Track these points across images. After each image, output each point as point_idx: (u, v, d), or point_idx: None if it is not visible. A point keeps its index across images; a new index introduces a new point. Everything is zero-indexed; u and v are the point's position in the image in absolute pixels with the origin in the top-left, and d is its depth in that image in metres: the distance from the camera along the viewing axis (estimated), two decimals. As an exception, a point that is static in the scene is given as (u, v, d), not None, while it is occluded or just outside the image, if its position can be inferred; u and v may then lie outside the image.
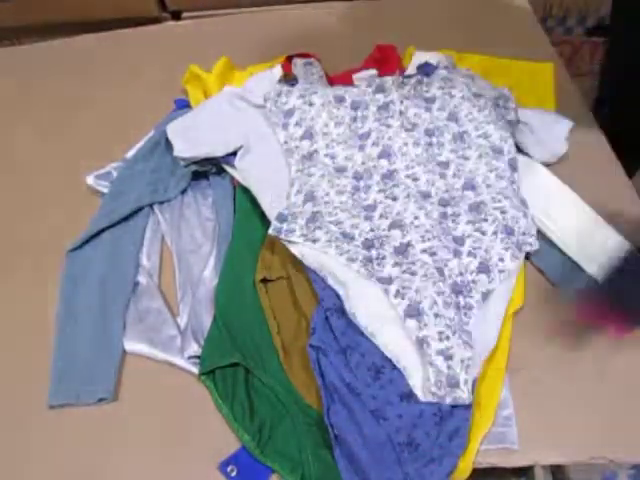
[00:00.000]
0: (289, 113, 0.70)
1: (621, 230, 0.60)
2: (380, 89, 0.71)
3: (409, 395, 0.50)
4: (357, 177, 0.65)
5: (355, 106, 0.70)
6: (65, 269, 0.65)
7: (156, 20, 1.07)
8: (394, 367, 0.52)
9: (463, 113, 0.69)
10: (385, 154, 0.66)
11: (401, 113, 0.69)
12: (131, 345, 0.59)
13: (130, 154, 0.76)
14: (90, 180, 0.73)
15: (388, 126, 0.68)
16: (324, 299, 0.56)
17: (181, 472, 0.52)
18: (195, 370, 0.56)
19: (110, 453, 0.53)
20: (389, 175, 0.65)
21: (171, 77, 0.85)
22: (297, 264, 0.60)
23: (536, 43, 0.90)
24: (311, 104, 0.70)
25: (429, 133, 0.68)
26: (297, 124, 0.69)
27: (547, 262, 0.62)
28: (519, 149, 0.70)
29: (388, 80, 0.72)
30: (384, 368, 0.52)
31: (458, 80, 0.71)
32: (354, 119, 0.70)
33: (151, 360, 0.58)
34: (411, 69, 0.73)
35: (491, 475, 0.52)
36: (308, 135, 0.68)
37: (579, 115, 0.74)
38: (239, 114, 0.72)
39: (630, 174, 0.73)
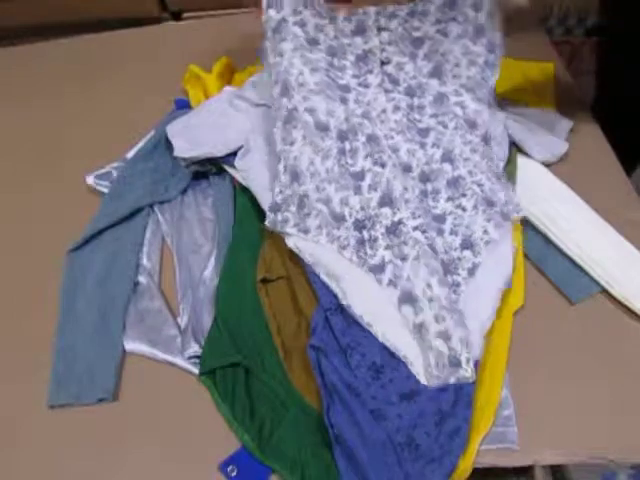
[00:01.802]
0: (275, 74, 0.66)
1: None
2: (360, 29, 0.65)
3: (409, 395, 0.50)
4: (341, 138, 0.63)
5: (331, 52, 0.65)
6: (65, 269, 0.64)
7: (156, 20, 1.08)
8: (394, 367, 0.52)
9: (449, 66, 0.64)
10: (366, 115, 0.63)
11: (382, 64, 0.65)
12: (131, 345, 0.59)
13: (130, 154, 0.76)
14: (90, 180, 0.73)
15: (366, 86, 0.65)
16: (324, 299, 0.56)
17: (181, 472, 0.52)
18: (195, 370, 0.56)
19: (110, 453, 0.53)
20: (374, 138, 0.62)
21: (171, 77, 0.85)
22: (297, 264, 0.60)
23: (536, 43, 0.90)
24: (281, 55, 0.65)
25: (410, 92, 0.65)
26: (276, 82, 0.65)
27: (547, 263, 0.62)
28: (519, 149, 0.69)
29: (371, 15, 0.65)
30: (384, 368, 0.52)
31: (461, 11, 0.64)
32: (331, 65, 0.65)
33: (151, 360, 0.58)
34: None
35: (491, 475, 0.52)
36: (284, 91, 0.64)
37: (579, 115, 0.74)
38: (239, 114, 0.72)
39: (628, 172, 0.73)
